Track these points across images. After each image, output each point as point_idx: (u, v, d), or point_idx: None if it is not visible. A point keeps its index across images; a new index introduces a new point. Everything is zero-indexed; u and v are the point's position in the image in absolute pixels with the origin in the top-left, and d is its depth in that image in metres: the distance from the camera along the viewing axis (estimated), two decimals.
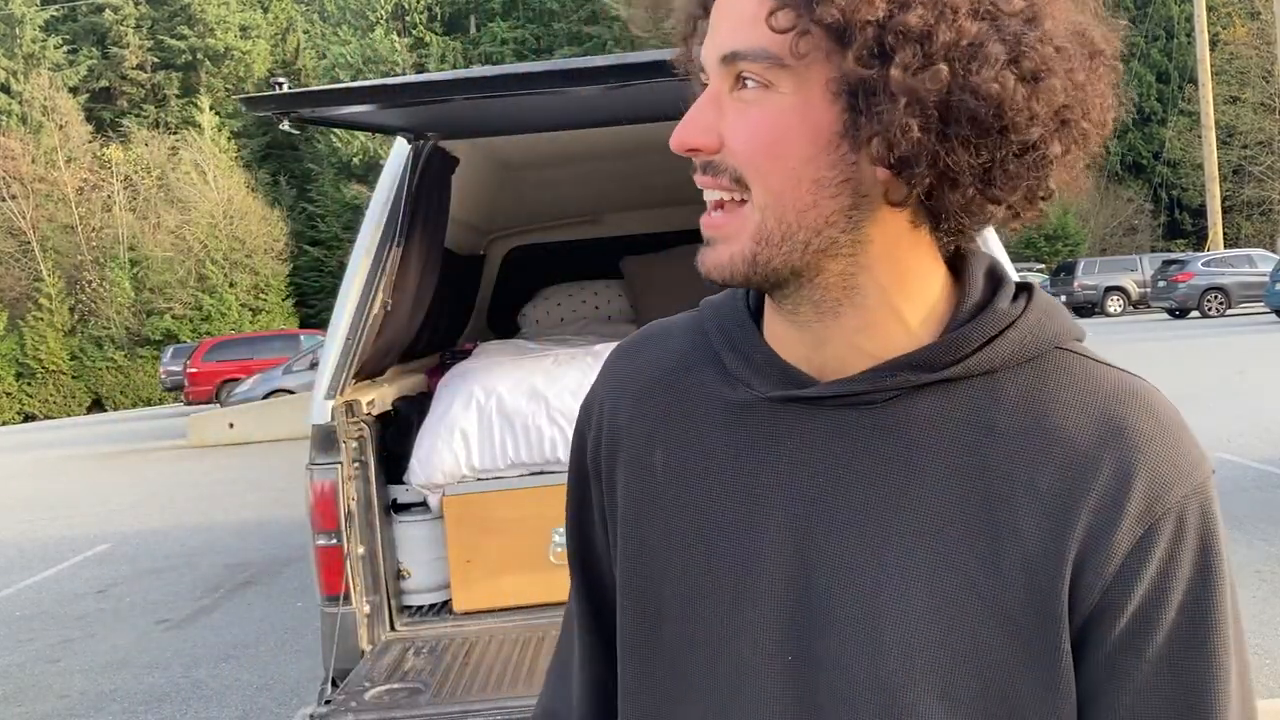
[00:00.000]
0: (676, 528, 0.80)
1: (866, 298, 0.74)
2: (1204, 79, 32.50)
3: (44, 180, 38.29)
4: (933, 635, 0.71)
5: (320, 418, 3.08)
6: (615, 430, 0.86)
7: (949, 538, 0.71)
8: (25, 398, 35.01)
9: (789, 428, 0.77)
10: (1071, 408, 0.72)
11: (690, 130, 0.73)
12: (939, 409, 0.73)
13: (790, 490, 0.76)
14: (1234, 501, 6.86)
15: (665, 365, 0.86)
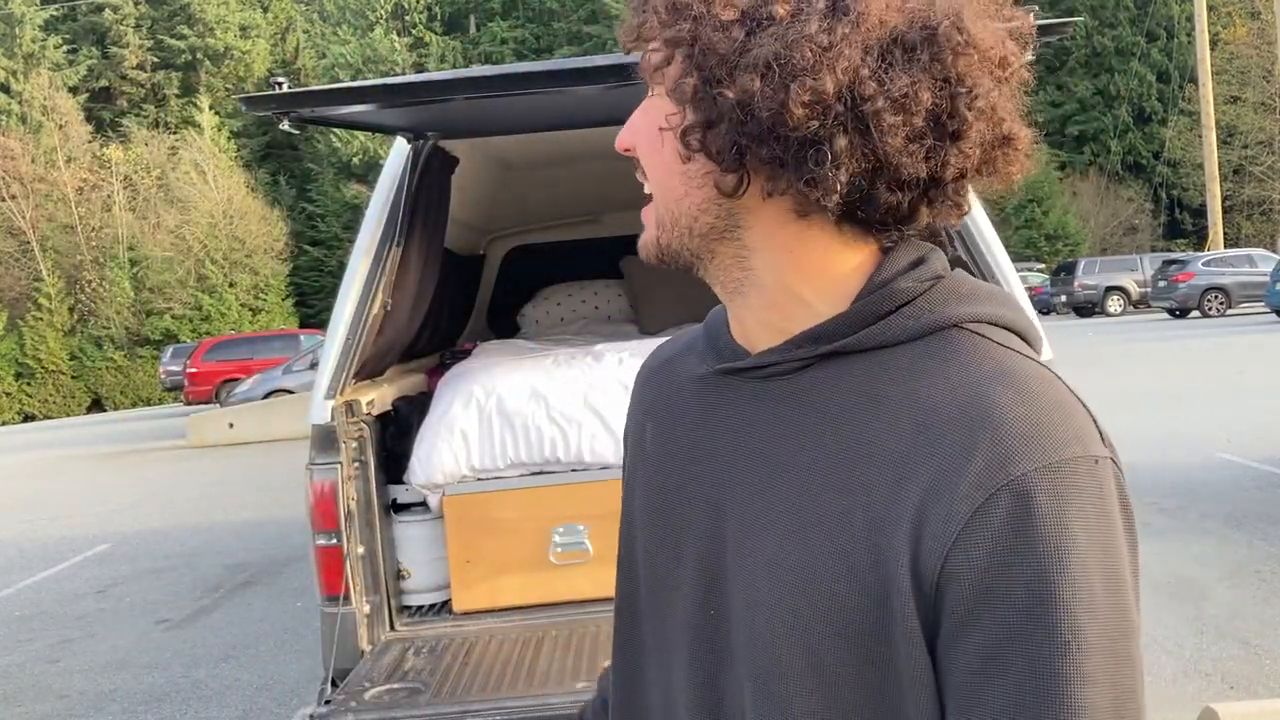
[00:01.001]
0: (651, 495, 0.91)
1: (762, 278, 0.81)
2: (1204, 79, 32.49)
3: (44, 180, 38.28)
4: (798, 590, 0.74)
5: (320, 418, 3.08)
6: (633, 420, 1.00)
7: (821, 498, 0.76)
8: (25, 398, 35.00)
9: (725, 397, 0.86)
10: (945, 380, 0.75)
11: (622, 132, 0.85)
12: (835, 378, 0.79)
13: (716, 454, 0.85)
14: (1234, 501, 6.86)
15: (671, 356, 0.98)
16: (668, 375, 0.96)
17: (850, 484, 0.74)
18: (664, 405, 0.94)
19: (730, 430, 0.84)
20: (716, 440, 0.85)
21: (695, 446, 0.87)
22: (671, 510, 0.88)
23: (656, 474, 0.91)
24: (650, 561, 0.91)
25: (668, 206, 0.82)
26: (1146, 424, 10.08)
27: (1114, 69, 44.71)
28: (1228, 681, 4.09)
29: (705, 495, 0.85)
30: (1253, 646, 4.42)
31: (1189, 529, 6.30)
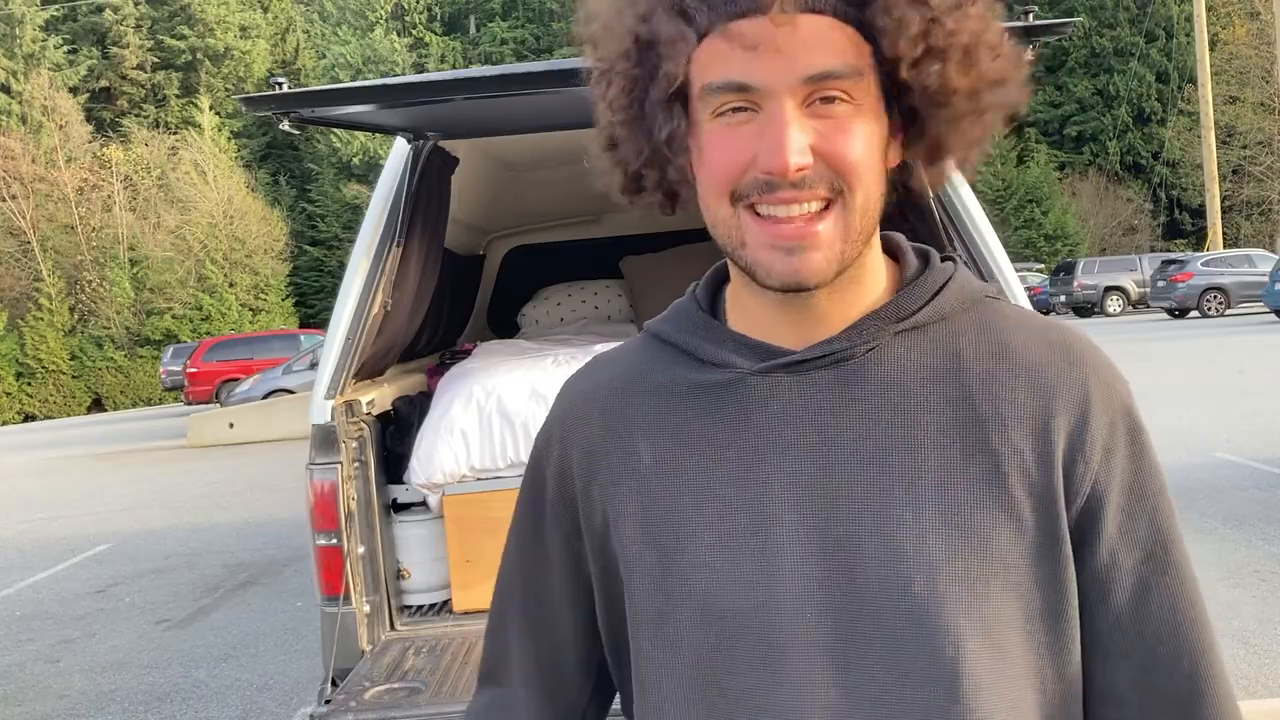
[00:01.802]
0: (680, 505, 0.85)
1: (865, 271, 0.86)
2: (1204, 79, 32.49)
3: (44, 180, 38.27)
4: (950, 546, 0.79)
5: (320, 418, 3.08)
6: (588, 447, 0.91)
7: (950, 459, 0.81)
8: (25, 398, 34.99)
9: (773, 394, 0.84)
10: (1024, 334, 0.86)
11: (797, 154, 0.77)
12: (910, 353, 0.84)
13: (787, 448, 0.83)
14: (1234, 501, 6.86)
15: (626, 377, 0.93)
16: (650, 394, 0.90)
17: (988, 443, 0.81)
18: (661, 423, 0.88)
19: (795, 424, 0.83)
20: (779, 437, 0.83)
21: (749, 448, 0.84)
22: (734, 516, 0.83)
23: (688, 486, 0.85)
24: (712, 571, 0.82)
25: (866, 214, 0.82)
26: (1147, 424, 10.07)
27: (1113, 69, 44.71)
28: None
29: (785, 494, 0.82)
30: (1252, 646, 4.43)
31: (1188, 529, 6.26)
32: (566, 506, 0.93)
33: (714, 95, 0.79)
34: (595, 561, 0.92)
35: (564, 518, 0.93)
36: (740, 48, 0.77)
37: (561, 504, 0.93)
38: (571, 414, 0.94)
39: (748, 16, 0.77)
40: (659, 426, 0.88)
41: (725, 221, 0.82)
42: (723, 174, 0.80)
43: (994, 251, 3.07)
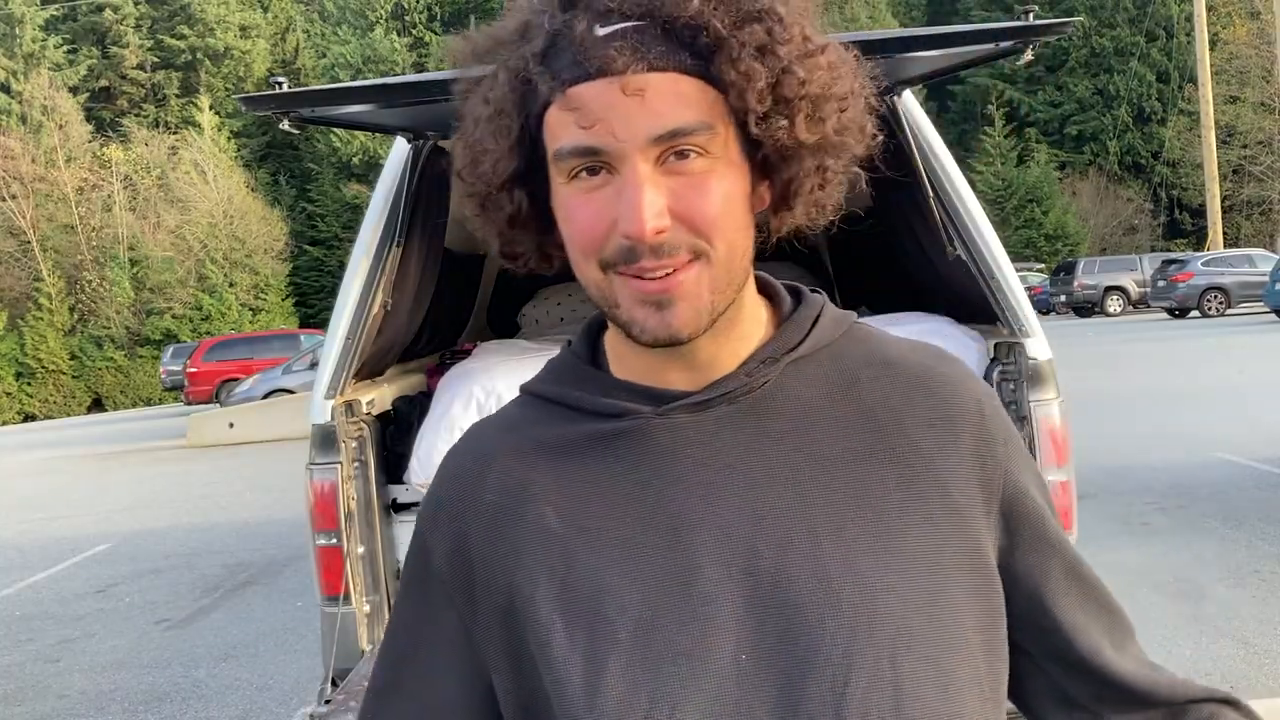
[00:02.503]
0: (600, 564, 0.81)
1: (743, 312, 0.86)
2: (1204, 79, 32.50)
3: (44, 180, 38.29)
4: (878, 561, 0.80)
5: (320, 417, 3.08)
6: (485, 520, 0.86)
7: (863, 474, 0.82)
8: (25, 398, 35.00)
9: (678, 436, 0.83)
10: (900, 348, 0.90)
11: (654, 217, 0.75)
12: (804, 381, 0.86)
13: (702, 489, 0.82)
14: (1234, 501, 6.86)
15: (515, 441, 0.89)
16: (544, 454, 0.86)
17: (896, 452, 0.84)
18: (562, 482, 0.84)
19: (705, 464, 0.82)
20: (690, 478, 0.81)
21: (662, 493, 0.81)
22: (653, 564, 0.80)
23: (604, 541, 0.81)
24: (642, 624, 0.78)
25: (731, 266, 0.80)
26: (1146, 424, 10.08)
27: (1113, 69, 44.73)
28: (1227, 681, 4.09)
29: (707, 535, 0.80)
30: (1252, 646, 4.42)
31: (1188, 529, 6.31)
32: (461, 587, 0.86)
33: (564, 160, 0.77)
34: (500, 644, 0.83)
35: (459, 600, 0.86)
36: (586, 111, 0.75)
37: (456, 584, 0.86)
38: (461, 487, 0.88)
39: (592, 80, 0.75)
40: (560, 487, 0.84)
41: (597, 284, 0.80)
42: (587, 239, 0.78)
43: (994, 251, 3.07)
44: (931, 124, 3.30)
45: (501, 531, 0.85)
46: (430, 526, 0.89)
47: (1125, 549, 5.97)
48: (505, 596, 0.83)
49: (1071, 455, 2.99)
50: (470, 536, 0.86)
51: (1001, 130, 42.84)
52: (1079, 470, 3.16)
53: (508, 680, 0.84)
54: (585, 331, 0.94)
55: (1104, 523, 6.52)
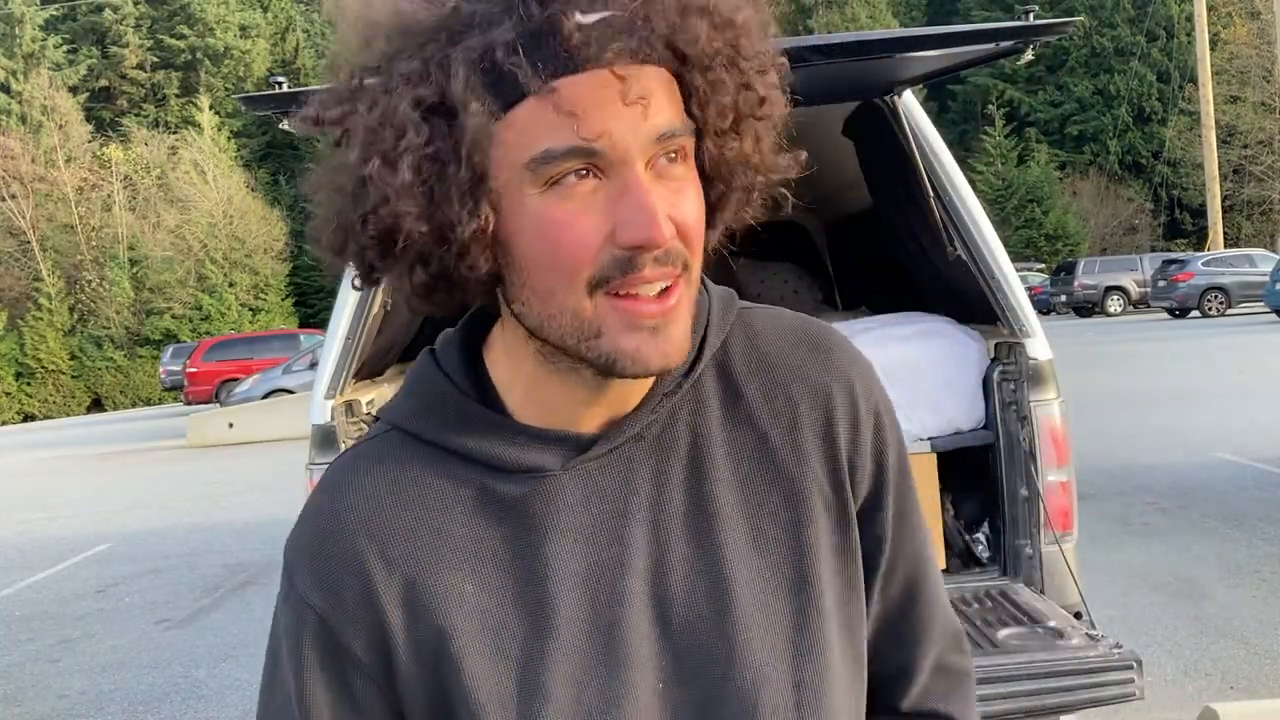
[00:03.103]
0: (522, 626, 0.76)
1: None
2: (1204, 79, 32.50)
3: (44, 180, 38.29)
4: (772, 589, 0.79)
5: (320, 417, 3.08)
6: (403, 584, 0.76)
7: (757, 496, 0.81)
8: (25, 398, 35.00)
9: (588, 486, 0.78)
10: (779, 341, 0.85)
11: (665, 225, 0.69)
12: (697, 404, 0.81)
13: (613, 538, 0.77)
14: (1234, 501, 6.86)
15: (401, 493, 0.79)
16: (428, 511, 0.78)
17: (779, 466, 0.82)
18: (466, 544, 0.77)
19: (614, 508, 0.78)
20: (605, 527, 0.77)
21: (580, 550, 0.77)
22: (589, 620, 0.76)
23: (531, 604, 0.76)
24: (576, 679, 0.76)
25: (698, 280, 0.76)
26: (1146, 424, 10.08)
27: (1114, 69, 44.74)
28: (1228, 681, 4.09)
29: (635, 576, 0.77)
30: (1252, 646, 4.42)
31: (1189, 529, 6.30)
32: (381, 669, 0.77)
33: (548, 165, 0.67)
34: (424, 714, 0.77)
35: (385, 687, 0.77)
36: (580, 107, 0.66)
37: (376, 667, 0.77)
38: (361, 564, 0.77)
39: (583, 70, 0.66)
40: (470, 550, 0.77)
41: (576, 312, 0.71)
42: (578, 257, 0.69)
43: (994, 251, 3.07)
44: (931, 124, 3.30)
45: (422, 600, 0.76)
46: (330, 607, 0.77)
47: (1125, 549, 5.97)
48: (434, 669, 0.76)
49: (1072, 455, 2.99)
50: (388, 617, 0.76)
51: (1001, 130, 42.84)
52: (1079, 470, 3.17)
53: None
54: (462, 357, 0.82)
55: (1104, 523, 6.51)
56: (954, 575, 3.10)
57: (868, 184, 4.05)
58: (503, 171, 0.69)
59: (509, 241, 0.71)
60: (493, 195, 0.70)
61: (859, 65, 2.91)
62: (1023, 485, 2.96)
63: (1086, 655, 2.45)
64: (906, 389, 3.09)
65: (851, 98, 3.56)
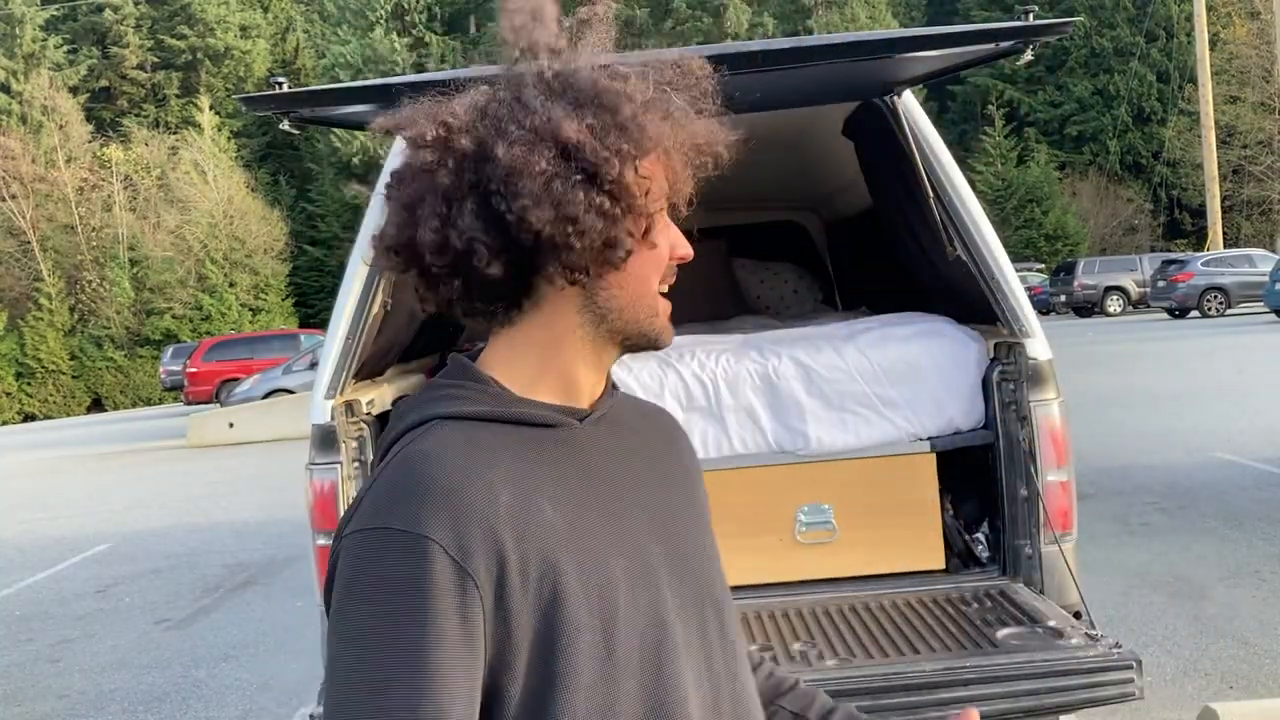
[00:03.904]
0: (601, 559, 0.96)
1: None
2: (1204, 79, 32.49)
3: (44, 180, 38.27)
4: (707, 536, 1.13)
5: (320, 417, 3.08)
6: (506, 519, 0.91)
7: (683, 475, 1.14)
8: (25, 398, 34.99)
9: (595, 442, 1.04)
10: (638, 403, 1.20)
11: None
12: (626, 409, 1.12)
13: (632, 486, 1.05)
14: (1233, 501, 6.86)
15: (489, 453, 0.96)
16: (510, 460, 0.95)
17: (684, 461, 1.16)
18: (542, 478, 0.97)
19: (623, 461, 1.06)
20: (620, 474, 1.05)
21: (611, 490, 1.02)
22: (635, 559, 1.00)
23: (593, 541, 0.97)
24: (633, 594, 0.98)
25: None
26: (1146, 424, 10.08)
27: (1113, 69, 44.71)
28: (1227, 681, 4.10)
29: (640, 517, 1.03)
30: (1252, 646, 4.42)
31: (1188, 529, 6.31)
32: (493, 591, 0.89)
33: (668, 203, 1.04)
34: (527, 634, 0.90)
35: (489, 604, 0.89)
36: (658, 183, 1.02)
37: (488, 588, 0.89)
38: (473, 496, 0.91)
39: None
40: (547, 480, 0.97)
41: (654, 299, 1.04)
42: (666, 260, 1.05)
43: (994, 251, 3.07)
44: (931, 124, 3.30)
45: (526, 530, 0.92)
46: (455, 540, 0.88)
47: (1125, 549, 5.98)
48: (550, 595, 0.91)
49: (1071, 455, 2.99)
50: (503, 539, 0.90)
51: (1001, 130, 42.82)
52: (1079, 470, 3.17)
53: (520, 668, 0.90)
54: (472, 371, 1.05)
55: (1104, 523, 6.52)
56: (954, 575, 3.11)
57: (868, 184, 4.05)
58: (647, 206, 1.01)
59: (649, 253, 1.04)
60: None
61: (859, 66, 2.91)
62: (1022, 485, 2.96)
63: (1086, 655, 2.45)
64: (906, 389, 3.10)
65: (851, 98, 3.57)
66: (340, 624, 0.88)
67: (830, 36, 3.07)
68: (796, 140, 4.77)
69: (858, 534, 3.12)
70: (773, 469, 3.12)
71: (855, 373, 3.10)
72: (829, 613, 2.90)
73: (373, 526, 0.89)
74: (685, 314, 4.86)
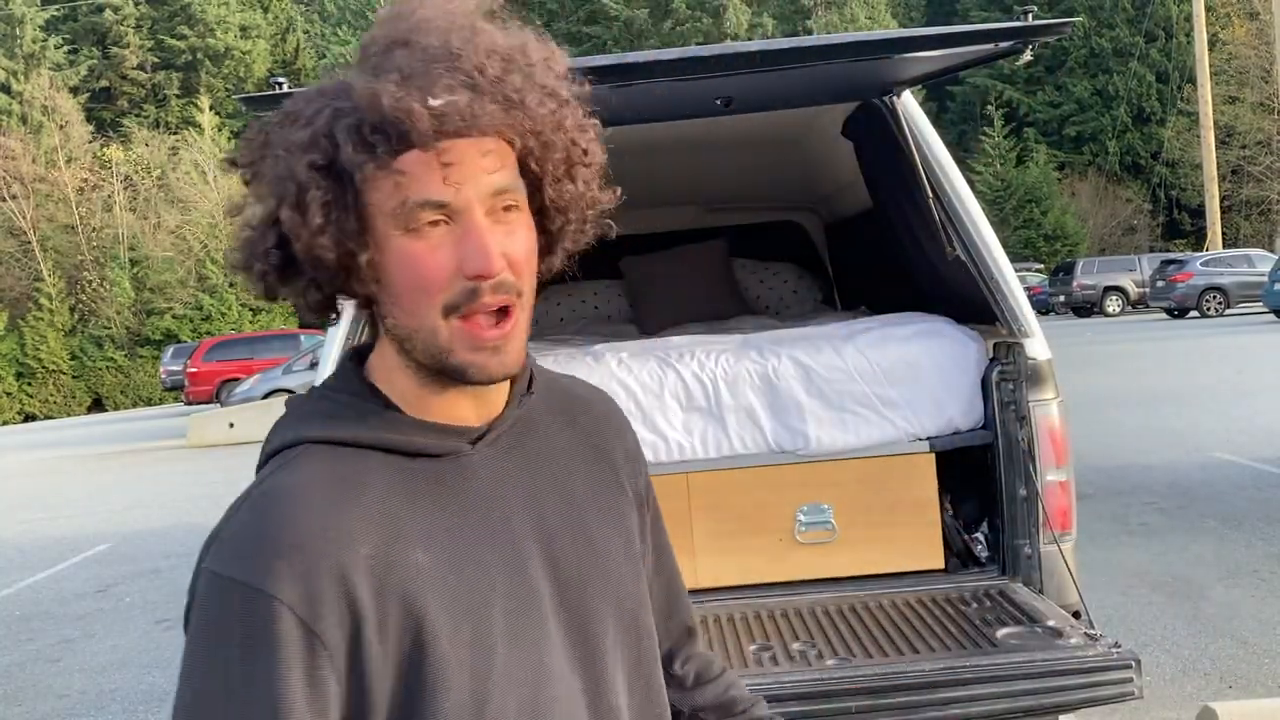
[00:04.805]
0: (475, 599, 0.90)
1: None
2: (1203, 79, 32.51)
3: (44, 180, 38.27)
4: (629, 561, 1.04)
5: None
6: (364, 570, 0.85)
7: (600, 484, 1.05)
8: (25, 398, 34.99)
9: (486, 466, 0.96)
10: (573, 384, 1.13)
11: (499, 257, 0.89)
12: (542, 410, 1.04)
13: (515, 507, 0.96)
14: (1232, 501, 6.86)
15: (353, 492, 0.89)
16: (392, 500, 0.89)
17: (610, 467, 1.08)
18: (413, 521, 0.89)
19: (514, 484, 0.98)
20: (509, 498, 0.96)
21: (494, 518, 0.94)
22: (502, 573, 0.93)
23: (463, 563, 0.90)
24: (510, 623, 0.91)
25: (531, 306, 0.95)
26: (1146, 424, 10.08)
27: (1112, 69, 44.71)
28: (1226, 680, 4.10)
29: (532, 540, 0.96)
30: (1251, 645, 4.43)
31: (1187, 528, 6.31)
32: (344, 647, 0.84)
33: (410, 213, 0.87)
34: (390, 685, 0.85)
35: (340, 662, 0.84)
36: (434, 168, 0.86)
37: (336, 645, 0.83)
38: (326, 545, 0.84)
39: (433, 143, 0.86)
40: (411, 526, 0.89)
41: (434, 330, 0.89)
42: (436, 285, 0.88)
43: (993, 252, 3.07)
44: (931, 124, 3.30)
45: (388, 581, 0.86)
46: (301, 597, 0.82)
47: (1124, 549, 5.98)
48: (397, 641, 0.85)
49: (1070, 455, 3.00)
50: (359, 595, 0.84)
51: (1001, 130, 42.83)
52: (1078, 470, 3.17)
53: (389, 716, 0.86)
54: (358, 378, 0.97)
55: (1103, 523, 6.52)
56: (953, 575, 3.11)
57: (867, 184, 4.06)
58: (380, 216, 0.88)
59: (385, 270, 0.90)
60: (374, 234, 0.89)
61: (858, 66, 2.91)
62: (1021, 485, 2.96)
63: (1085, 655, 2.45)
64: (906, 389, 3.10)
65: (851, 98, 3.57)
66: (187, 665, 0.85)
67: (830, 36, 3.08)
68: (796, 140, 4.77)
69: (857, 534, 3.12)
70: (772, 469, 3.12)
71: (855, 373, 3.10)
72: (829, 612, 2.91)
73: (223, 574, 0.84)
74: (685, 314, 4.86)
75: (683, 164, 4.78)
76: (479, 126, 0.86)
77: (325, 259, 0.89)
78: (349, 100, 0.87)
